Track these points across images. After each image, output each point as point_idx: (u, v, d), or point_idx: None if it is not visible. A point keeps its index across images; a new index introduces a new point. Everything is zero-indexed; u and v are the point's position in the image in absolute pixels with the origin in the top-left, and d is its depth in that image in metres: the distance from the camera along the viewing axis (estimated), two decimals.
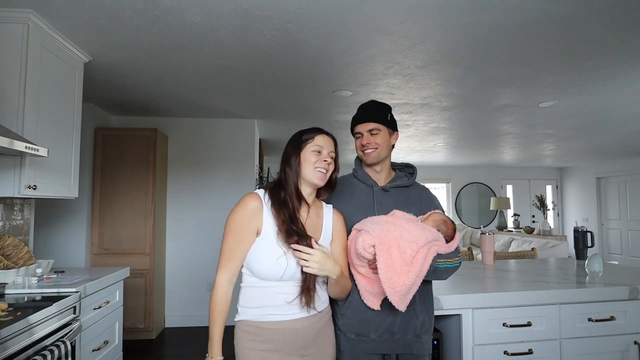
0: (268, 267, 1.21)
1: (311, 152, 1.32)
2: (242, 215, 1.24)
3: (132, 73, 2.89)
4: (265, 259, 1.22)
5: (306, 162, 1.31)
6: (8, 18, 1.95)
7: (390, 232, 1.28)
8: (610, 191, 8.28)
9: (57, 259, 3.35)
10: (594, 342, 1.83)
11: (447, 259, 1.35)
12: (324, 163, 1.31)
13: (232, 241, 1.23)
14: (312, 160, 1.30)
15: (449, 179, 9.30)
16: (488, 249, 2.63)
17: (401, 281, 1.24)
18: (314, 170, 1.30)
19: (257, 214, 1.25)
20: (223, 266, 1.24)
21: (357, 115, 1.54)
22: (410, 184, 1.54)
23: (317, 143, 1.33)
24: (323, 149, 1.33)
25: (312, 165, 1.30)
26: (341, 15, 2.02)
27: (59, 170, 2.24)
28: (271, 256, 1.21)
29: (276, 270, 1.21)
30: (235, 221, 1.24)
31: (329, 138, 1.37)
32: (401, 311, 1.28)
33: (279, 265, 1.21)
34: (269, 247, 1.23)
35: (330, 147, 1.35)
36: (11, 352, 1.35)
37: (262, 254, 1.22)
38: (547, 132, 5.08)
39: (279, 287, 1.24)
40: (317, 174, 1.30)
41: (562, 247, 5.48)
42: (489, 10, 1.97)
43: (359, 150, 1.52)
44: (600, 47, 2.42)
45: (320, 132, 1.36)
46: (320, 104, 3.73)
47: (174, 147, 4.25)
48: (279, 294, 1.24)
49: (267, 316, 1.24)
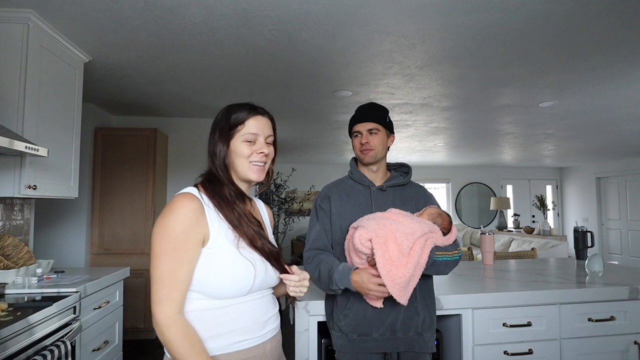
0: (234, 280, 0.95)
1: (242, 142, 1.04)
2: (183, 224, 0.92)
3: (132, 73, 2.89)
4: (228, 272, 0.95)
5: (238, 156, 1.04)
6: (8, 18, 1.95)
7: (386, 226, 1.29)
8: (610, 191, 8.28)
9: (57, 259, 3.36)
10: (594, 342, 1.83)
11: (445, 251, 1.36)
12: (260, 155, 1.05)
13: (173, 262, 0.90)
14: (245, 153, 1.04)
15: (449, 179, 9.30)
16: (488, 249, 2.64)
17: (400, 273, 1.24)
18: (249, 165, 1.05)
19: (200, 218, 0.95)
20: (164, 298, 0.88)
21: (357, 115, 1.55)
22: (406, 182, 1.56)
23: (250, 130, 1.04)
24: (258, 136, 1.06)
25: (246, 159, 1.04)
26: (341, 15, 2.02)
27: (59, 170, 2.24)
28: (236, 266, 0.96)
29: (244, 283, 0.96)
30: (174, 234, 0.91)
31: (264, 119, 1.08)
32: (403, 304, 1.29)
33: (248, 275, 0.96)
34: (229, 256, 0.96)
35: (267, 131, 1.08)
36: (11, 352, 1.35)
37: (222, 267, 0.95)
38: (547, 132, 5.08)
39: (245, 303, 0.99)
40: (253, 169, 1.05)
41: (562, 247, 5.48)
42: (489, 10, 1.97)
43: (357, 150, 1.53)
44: (600, 47, 2.42)
45: (251, 112, 1.06)
46: (320, 104, 3.73)
47: (174, 147, 4.25)
48: (246, 312, 0.98)
49: (233, 346, 0.96)
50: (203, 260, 0.94)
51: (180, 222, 0.92)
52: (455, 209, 9.23)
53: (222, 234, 0.97)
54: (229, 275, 0.95)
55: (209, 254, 0.95)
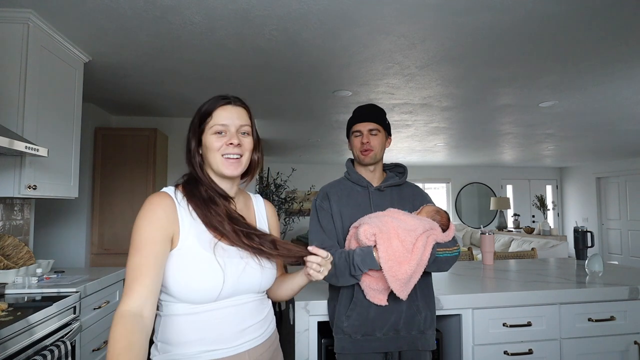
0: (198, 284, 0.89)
1: (212, 135, 0.98)
2: (150, 219, 0.90)
3: (132, 73, 2.89)
4: (193, 276, 0.89)
5: (209, 150, 0.98)
6: (8, 18, 1.95)
7: (388, 223, 1.30)
8: (610, 191, 8.28)
9: (57, 259, 3.35)
10: (594, 342, 1.83)
11: (446, 247, 1.37)
12: (231, 147, 0.97)
13: (137, 257, 0.87)
14: (215, 145, 0.97)
15: (449, 179, 9.30)
16: (488, 249, 2.64)
17: (403, 269, 1.25)
18: (221, 159, 0.98)
19: (170, 216, 0.92)
20: (125, 293, 0.85)
21: (357, 114, 1.55)
22: (402, 182, 1.57)
23: (218, 121, 0.98)
24: (228, 127, 0.98)
25: (217, 152, 0.98)
26: (341, 15, 2.02)
27: (58, 170, 2.24)
28: (201, 270, 0.90)
29: (210, 288, 0.90)
30: (140, 230, 0.89)
31: (234, 107, 1.01)
32: (402, 299, 1.30)
33: (214, 279, 0.90)
34: (194, 258, 0.91)
35: (239, 120, 1.00)
36: (11, 352, 1.35)
37: (187, 269, 0.90)
38: (547, 132, 5.08)
39: (219, 310, 0.93)
40: (225, 163, 0.98)
41: (562, 247, 5.48)
42: (489, 10, 1.97)
43: (357, 150, 1.53)
44: (600, 47, 2.42)
45: (219, 102, 1.00)
46: (320, 104, 3.73)
47: (174, 147, 4.25)
48: (218, 320, 0.92)
49: (203, 355, 0.90)
50: (172, 262, 0.90)
51: (147, 217, 0.90)
52: (455, 209, 9.23)
53: (193, 236, 0.92)
54: (193, 279, 0.89)
55: (178, 255, 0.91)
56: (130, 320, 0.81)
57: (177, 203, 0.95)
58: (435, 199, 9.41)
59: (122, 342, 0.78)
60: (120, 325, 0.80)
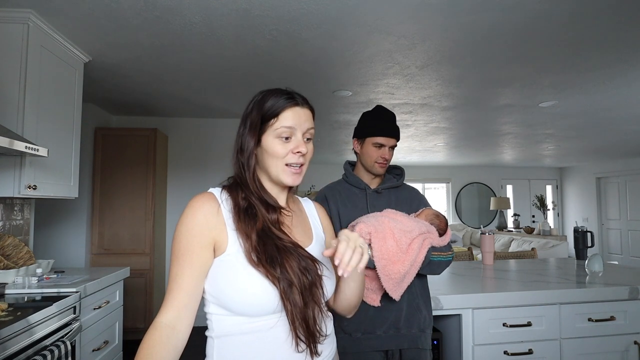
0: (254, 296, 0.79)
1: (276, 138, 0.86)
2: (188, 225, 0.82)
3: (132, 73, 2.89)
4: (248, 285, 0.79)
5: (270, 156, 0.87)
6: (8, 18, 1.95)
7: (384, 223, 1.31)
8: (610, 191, 8.28)
9: (57, 259, 3.36)
10: (594, 342, 1.83)
11: (440, 252, 1.39)
12: (297, 156, 0.87)
13: (176, 267, 0.81)
14: (280, 152, 0.86)
15: (449, 179, 9.30)
16: (488, 249, 2.64)
17: (396, 269, 1.27)
18: (284, 168, 0.87)
19: (212, 220, 0.83)
20: (163, 304, 0.81)
21: (383, 127, 1.49)
22: (399, 184, 1.58)
23: (285, 123, 0.85)
24: (296, 131, 0.86)
25: (281, 160, 0.86)
26: (341, 15, 2.02)
27: (59, 170, 2.24)
28: (254, 275, 0.79)
29: (268, 300, 0.79)
30: (180, 236, 0.81)
31: (304, 110, 0.88)
32: (395, 300, 1.32)
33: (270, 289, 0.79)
34: (245, 264, 0.80)
35: (307, 124, 0.88)
36: (11, 352, 1.35)
37: (239, 277, 0.79)
38: (547, 132, 5.08)
39: (277, 327, 0.81)
40: (288, 172, 0.87)
41: (562, 247, 5.48)
42: (489, 10, 1.97)
43: (373, 161, 1.50)
44: (600, 47, 2.42)
45: (287, 102, 0.86)
46: (320, 104, 3.73)
47: (174, 147, 4.25)
48: (282, 341, 0.81)
49: None
50: (221, 271, 0.81)
51: (185, 223, 0.82)
52: (455, 209, 9.23)
53: (238, 243, 0.82)
54: (246, 289, 0.79)
55: (227, 261, 0.81)
56: (159, 332, 0.78)
57: (222, 205, 0.86)
58: (435, 199, 9.42)
59: (143, 352, 0.77)
60: (148, 336, 0.78)
